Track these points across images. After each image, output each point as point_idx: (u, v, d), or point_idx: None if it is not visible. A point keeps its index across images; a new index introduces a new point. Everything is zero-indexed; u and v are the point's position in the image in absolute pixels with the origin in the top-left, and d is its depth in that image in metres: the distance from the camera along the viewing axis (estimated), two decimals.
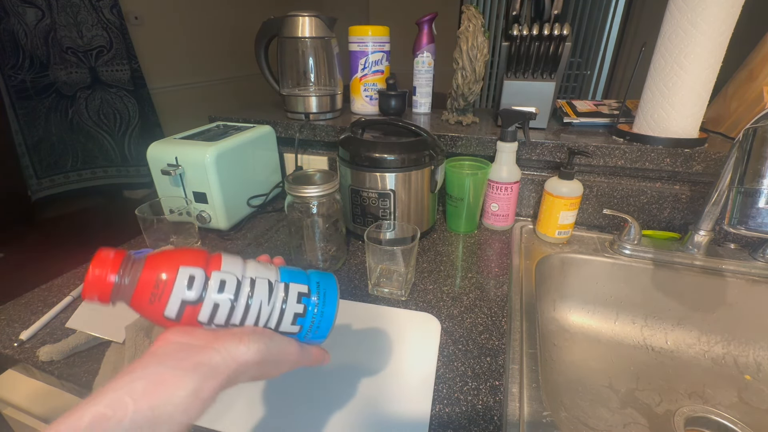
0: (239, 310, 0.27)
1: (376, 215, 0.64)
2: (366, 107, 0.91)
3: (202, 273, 0.27)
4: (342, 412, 0.37)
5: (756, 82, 0.65)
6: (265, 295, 0.28)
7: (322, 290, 0.31)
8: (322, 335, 0.31)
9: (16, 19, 1.89)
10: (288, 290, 0.30)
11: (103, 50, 2.06)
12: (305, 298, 0.30)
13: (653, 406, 0.54)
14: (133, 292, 0.25)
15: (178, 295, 0.26)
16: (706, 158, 0.62)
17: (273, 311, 0.29)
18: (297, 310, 0.29)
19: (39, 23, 1.97)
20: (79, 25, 2.00)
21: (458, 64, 0.75)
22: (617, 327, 0.66)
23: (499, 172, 0.68)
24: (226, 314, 0.27)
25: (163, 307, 0.25)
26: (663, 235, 0.68)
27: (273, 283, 0.29)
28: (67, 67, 2.07)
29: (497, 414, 0.38)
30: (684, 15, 0.56)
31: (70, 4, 1.97)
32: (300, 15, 0.80)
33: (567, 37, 0.67)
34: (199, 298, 0.26)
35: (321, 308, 0.30)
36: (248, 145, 0.73)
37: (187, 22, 1.95)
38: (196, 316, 0.26)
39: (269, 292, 0.29)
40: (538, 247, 0.67)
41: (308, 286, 0.31)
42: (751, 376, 0.58)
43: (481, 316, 0.51)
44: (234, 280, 0.28)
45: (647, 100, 0.64)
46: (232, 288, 0.27)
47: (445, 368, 0.43)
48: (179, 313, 0.26)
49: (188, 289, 0.26)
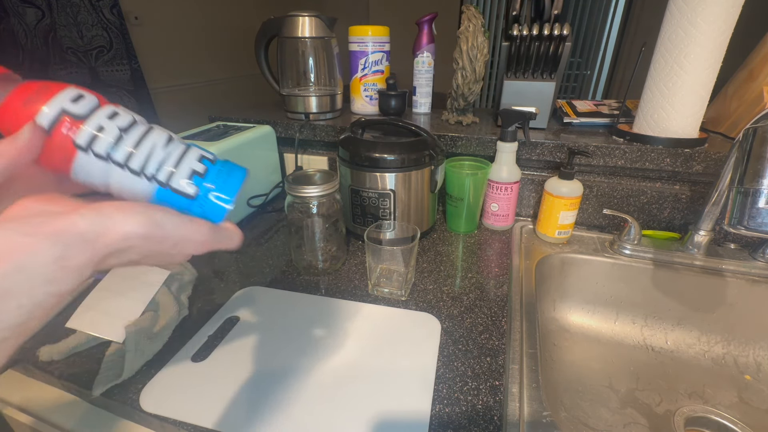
0: (127, 144, 0.23)
1: (376, 215, 0.64)
2: (366, 107, 0.91)
3: (95, 98, 0.23)
4: (342, 412, 0.37)
5: (756, 82, 0.65)
6: (162, 141, 0.25)
7: (228, 165, 0.28)
8: (220, 211, 0.26)
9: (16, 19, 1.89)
10: (189, 149, 0.26)
11: (103, 50, 2.06)
12: (206, 160, 0.26)
13: (653, 406, 0.54)
14: (9, 93, 0.22)
15: (60, 102, 0.22)
16: (706, 158, 0.62)
17: (167, 158, 0.24)
18: (196, 167, 0.25)
19: (39, 23, 1.97)
20: (79, 25, 2.00)
21: (458, 64, 0.75)
22: (617, 327, 0.66)
23: (499, 172, 0.68)
24: (110, 144, 0.23)
25: (37, 110, 0.22)
26: (663, 235, 0.68)
27: (173, 137, 0.26)
28: (67, 67, 2.06)
29: (497, 414, 0.38)
30: (684, 15, 0.56)
31: (70, 4, 1.97)
32: (300, 15, 0.80)
33: (567, 37, 0.67)
34: (84, 114, 0.22)
35: (225, 176, 0.26)
36: (248, 145, 0.73)
37: (187, 22, 1.95)
38: (73, 135, 0.22)
39: (167, 140, 0.25)
40: (538, 247, 0.67)
41: (213, 156, 0.27)
42: (751, 376, 0.58)
43: (481, 316, 0.51)
44: (129, 117, 0.24)
45: (647, 100, 0.64)
46: (125, 122, 0.24)
47: (445, 368, 0.43)
48: (53, 122, 0.22)
49: (72, 102, 0.22)
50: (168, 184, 0.24)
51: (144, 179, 0.24)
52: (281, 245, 0.68)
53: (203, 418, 0.37)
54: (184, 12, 1.95)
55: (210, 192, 0.26)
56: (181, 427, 0.36)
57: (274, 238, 0.70)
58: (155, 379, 0.41)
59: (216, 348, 0.45)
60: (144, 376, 0.41)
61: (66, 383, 0.42)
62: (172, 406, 0.38)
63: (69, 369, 0.43)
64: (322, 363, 0.43)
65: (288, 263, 0.63)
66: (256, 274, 0.60)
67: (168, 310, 0.48)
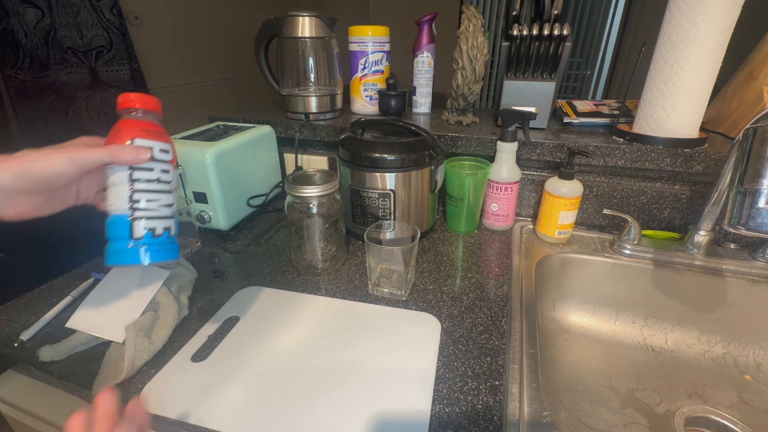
0: (151, 186, 0.36)
1: (376, 215, 0.64)
2: (366, 107, 0.91)
3: (172, 156, 0.39)
4: (342, 412, 0.37)
5: (756, 82, 0.65)
6: (168, 201, 0.38)
7: (173, 247, 0.39)
8: (135, 256, 0.36)
9: (16, 19, 1.89)
10: (171, 220, 0.39)
11: (103, 50, 2.06)
12: (167, 232, 0.38)
13: (653, 406, 0.54)
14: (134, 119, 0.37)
15: (157, 146, 0.37)
16: (706, 158, 0.62)
17: (156, 210, 0.37)
18: (159, 231, 0.37)
19: (39, 23, 1.97)
20: (79, 25, 2.00)
21: (458, 64, 0.75)
22: (617, 327, 0.66)
23: (499, 172, 0.68)
24: (145, 180, 0.36)
25: (142, 140, 0.36)
26: (663, 235, 0.68)
27: (174, 204, 0.40)
28: (67, 67, 2.07)
29: (497, 414, 0.38)
30: (684, 15, 0.56)
31: (70, 4, 1.97)
32: (300, 15, 0.80)
33: (567, 37, 0.67)
34: (157, 158, 0.37)
35: (163, 250, 0.38)
36: (248, 145, 0.73)
37: (187, 22, 1.95)
38: (140, 161, 0.35)
39: (171, 203, 0.39)
40: (538, 247, 0.67)
41: (175, 235, 0.40)
42: (751, 376, 0.58)
43: (481, 316, 0.51)
44: (171, 177, 0.39)
45: (647, 100, 0.64)
46: (167, 178, 0.38)
47: (445, 368, 0.43)
48: (143, 149, 0.36)
49: (161, 150, 0.37)
50: (133, 217, 0.36)
51: (129, 203, 0.36)
52: (281, 245, 0.68)
53: (203, 418, 0.37)
54: (184, 12, 1.94)
55: (145, 245, 0.36)
56: (181, 427, 0.36)
57: (274, 238, 0.70)
58: (155, 379, 0.41)
59: (216, 348, 0.45)
60: (144, 376, 0.41)
61: (66, 383, 0.42)
62: (172, 406, 0.38)
63: (69, 369, 0.43)
64: (322, 363, 0.43)
65: (288, 263, 0.63)
66: (256, 274, 0.60)
67: (168, 310, 0.48)
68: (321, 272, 0.60)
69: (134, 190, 0.35)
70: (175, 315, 0.48)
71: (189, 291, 0.54)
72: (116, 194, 0.35)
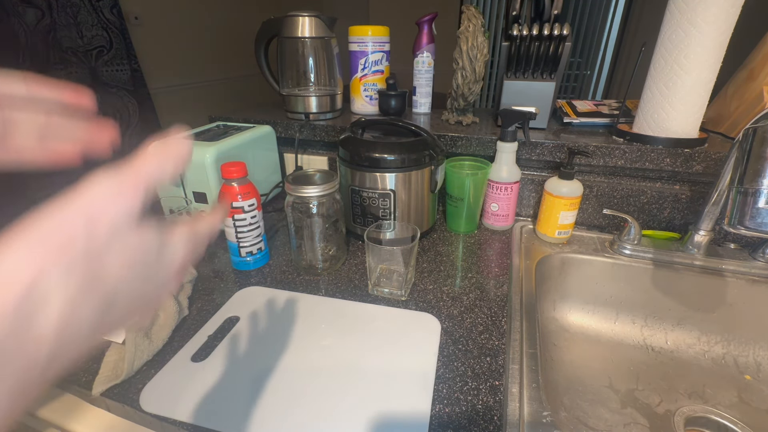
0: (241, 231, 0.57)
1: (376, 215, 0.64)
2: (366, 107, 0.91)
3: (260, 219, 0.59)
4: (342, 412, 0.37)
5: (756, 82, 0.65)
6: (256, 233, 0.59)
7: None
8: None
9: (16, 19, 1.89)
10: (258, 238, 0.60)
11: (103, 50, 2.06)
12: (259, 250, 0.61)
13: (653, 406, 0.54)
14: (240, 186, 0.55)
15: (248, 205, 0.56)
16: (706, 158, 0.62)
17: (250, 241, 0.59)
18: (252, 249, 0.60)
19: (39, 23, 1.97)
20: (78, 25, 2.00)
21: (458, 64, 0.75)
22: (617, 327, 0.66)
23: (499, 172, 0.68)
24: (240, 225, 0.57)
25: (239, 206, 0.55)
26: (663, 235, 0.68)
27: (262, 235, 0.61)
28: (67, 67, 2.07)
29: (497, 414, 0.38)
30: (684, 15, 0.56)
31: (70, 4, 1.97)
32: (300, 15, 0.80)
33: (567, 37, 0.67)
34: (248, 212, 0.56)
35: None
36: (248, 145, 0.73)
37: (187, 22, 1.95)
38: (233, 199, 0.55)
39: (258, 234, 0.59)
40: (538, 247, 0.67)
41: None
42: (751, 376, 0.58)
43: (481, 316, 0.51)
44: (259, 221, 0.59)
45: (647, 100, 0.64)
46: (256, 219, 0.58)
47: (445, 368, 0.43)
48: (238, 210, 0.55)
49: (248, 206, 0.56)
50: (240, 246, 0.58)
51: (236, 239, 0.58)
52: (281, 245, 0.68)
53: (203, 418, 0.37)
54: (184, 12, 1.95)
55: (247, 259, 0.60)
56: (181, 427, 0.36)
57: (274, 238, 0.70)
58: (155, 379, 0.41)
59: (216, 348, 0.45)
60: (144, 376, 0.41)
61: (66, 383, 0.42)
62: (172, 406, 0.38)
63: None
64: (322, 363, 0.43)
65: (288, 263, 0.63)
66: (256, 274, 0.60)
67: (168, 310, 0.48)
68: (321, 272, 0.60)
69: (237, 230, 0.56)
70: (174, 315, 0.48)
71: (189, 291, 0.54)
72: (228, 233, 0.57)
